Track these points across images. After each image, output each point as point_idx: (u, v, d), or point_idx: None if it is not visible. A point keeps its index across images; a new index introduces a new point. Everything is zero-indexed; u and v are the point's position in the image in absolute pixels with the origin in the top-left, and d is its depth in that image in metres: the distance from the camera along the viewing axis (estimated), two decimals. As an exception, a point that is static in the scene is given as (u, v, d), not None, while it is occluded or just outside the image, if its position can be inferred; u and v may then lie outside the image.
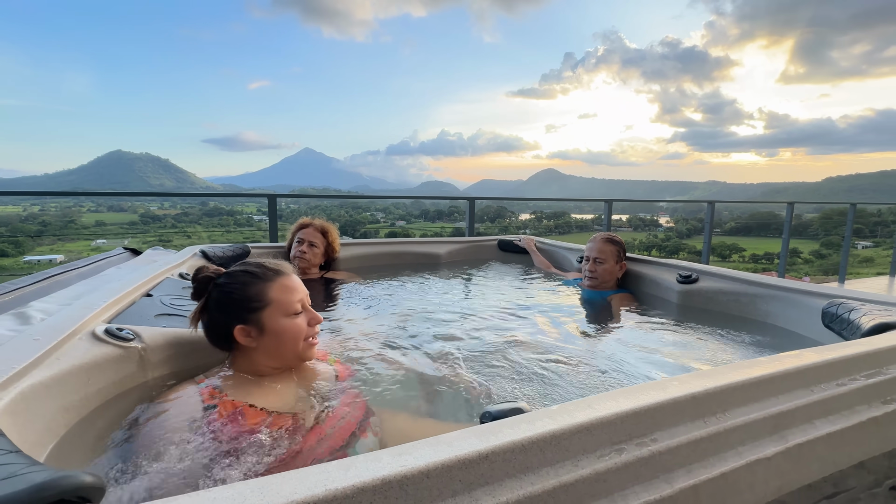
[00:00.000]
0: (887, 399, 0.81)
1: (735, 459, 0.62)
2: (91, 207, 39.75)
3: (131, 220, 38.62)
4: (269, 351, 0.98)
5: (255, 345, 0.97)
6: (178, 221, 37.62)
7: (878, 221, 16.07)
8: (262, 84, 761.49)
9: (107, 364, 0.92)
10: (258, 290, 0.98)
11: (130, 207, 39.60)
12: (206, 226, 37.97)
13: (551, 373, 1.25)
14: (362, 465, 0.46)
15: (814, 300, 1.41)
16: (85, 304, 1.09)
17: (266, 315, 0.97)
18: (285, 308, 0.99)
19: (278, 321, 0.98)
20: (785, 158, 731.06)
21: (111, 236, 30.45)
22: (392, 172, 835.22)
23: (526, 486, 0.49)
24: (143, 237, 31.31)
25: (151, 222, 37.81)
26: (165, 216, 38.08)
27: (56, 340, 0.86)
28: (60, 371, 0.81)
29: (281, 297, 0.99)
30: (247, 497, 0.41)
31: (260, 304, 0.97)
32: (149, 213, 38.15)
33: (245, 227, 38.10)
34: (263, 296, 0.98)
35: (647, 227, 27.44)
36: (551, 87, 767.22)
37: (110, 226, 35.46)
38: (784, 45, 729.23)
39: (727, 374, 0.70)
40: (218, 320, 0.98)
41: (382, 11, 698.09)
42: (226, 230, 36.93)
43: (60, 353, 0.85)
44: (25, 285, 1.28)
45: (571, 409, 0.58)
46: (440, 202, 36.15)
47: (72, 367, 0.83)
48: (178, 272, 1.68)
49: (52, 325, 0.93)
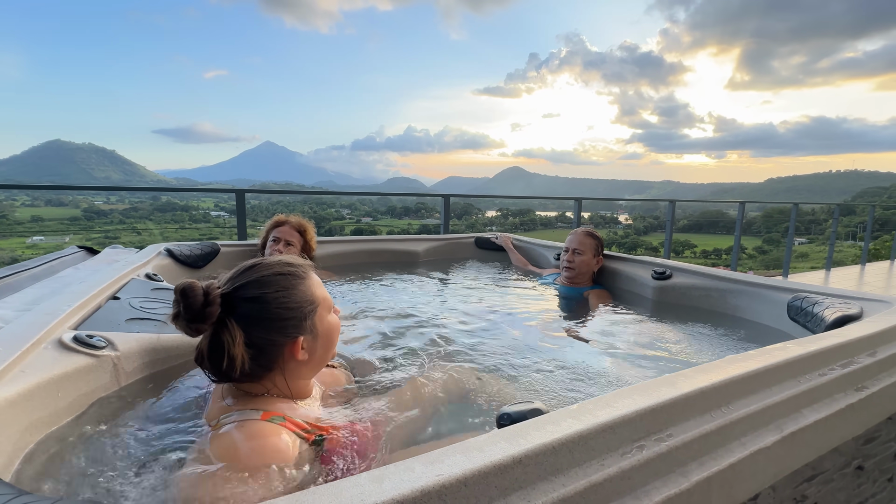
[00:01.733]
0: (859, 387, 0.88)
1: (740, 450, 0.65)
2: (26, 201, 36.54)
3: (73, 216, 35.73)
4: (318, 358, 0.86)
5: (307, 356, 0.83)
6: (127, 217, 35.16)
7: (812, 220, 17.46)
8: (220, 73, 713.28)
9: (77, 375, 0.84)
10: (304, 289, 0.84)
11: (72, 202, 36.67)
12: (158, 222, 35.73)
13: (536, 369, 1.26)
14: (395, 476, 0.45)
15: (779, 294, 1.51)
16: (46, 309, 0.99)
17: (318, 317, 0.85)
18: (326, 304, 0.87)
19: (325, 320, 0.86)
20: (732, 160, 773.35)
21: (49, 233, 28.04)
22: (358, 168, 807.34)
23: (558, 487, 0.49)
24: (86, 234, 28.98)
25: (96, 218, 35.11)
26: (112, 211, 35.50)
27: (19, 351, 0.77)
28: (27, 385, 0.73)
29: (321, 292, 0.87)
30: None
31: (312, 306, 0.84)
32: (93, 207, 35.43)
33: (202, 222, 36.24)
34: (312, 295, 0.84)
35: (607, 224, 28.52)
36: (516, 86, 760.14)
37: (48, 221, 32.64)
38: (731, 53, 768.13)
39: (726, 368, 0.73)
40: (264, 341, 0.78)
41: (347, 3, 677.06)
42: (180, 226, 34.96)
43: (25, 364, 0.77)
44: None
45: (592, 408, 0.58)
46: (407, 199, 35.95)
47: (39, 380, 0.76)
48: (144, 272, 1.57)
49: (12, 334, 0.84)
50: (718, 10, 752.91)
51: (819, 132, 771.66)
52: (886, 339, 1.00)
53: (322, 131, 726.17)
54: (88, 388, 0.86)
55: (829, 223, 8.18)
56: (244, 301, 0.78)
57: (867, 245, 7.79)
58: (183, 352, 1.08)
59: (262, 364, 0.79)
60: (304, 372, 0.85)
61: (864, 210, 9.97)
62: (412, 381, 1.07)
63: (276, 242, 2.10)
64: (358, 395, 1.02)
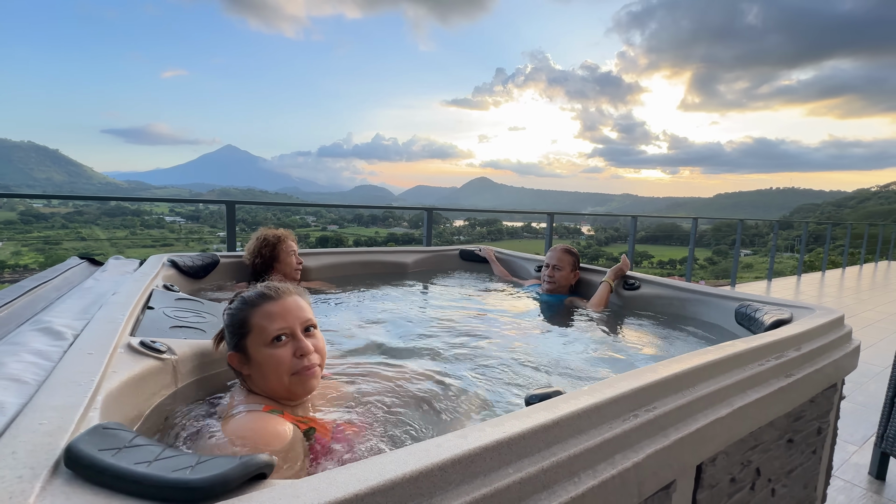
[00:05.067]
0: (788, 374, 1.13)
1: (703, 420, 0.87)
2: (-48, 203, 33.51)
3: (7, 219, 32.99)
4: (257, 382, 0.94)
5: (248, 372, 0.95)
6: (70, 221, 32.78)
7: (756, 233, 18.77)
8: (178, 73, 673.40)
9: (150, 376, 0.95)
10: (244, 315, 0.96)
11: (6, 204, 33.90)
12: (106, 227, 33.48)
13: (523, 364, 1.46)
14: (476, 431, 0.62)
15: (728, 303, 1.79)
16: (104, 318, 1.09)
17: (249, 342, 0.94)
18: (261, 336, 0.94)
19: (258, 350, 0.93)
20: (684, 176, 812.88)
21: (-23, 237, 25.76)
22: (324, 175, 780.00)
23: (583, 441, 0.68)
24: (23, 239, 26.79)
25: (34, 221, 32.53)
26: (53, 215, 33.01)
27: (107, 355, 0.88)
28: (119, 383, 0.85)
29: (259, 322, 0.94)
30: (339, 480, 0.54)
31: (243, 331, 0.95)
32: (31, 210, 32.86)
33: (154, 228, 34.18)
34: (246, 322, 0.95)
35: (570, 235, 29.57)
36: (484, 98, 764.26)
37: (-22, 224, 30.01)
38: (683, 76, 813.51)
39: (692, 359, 0.95)
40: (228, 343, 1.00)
41: (315, 9, 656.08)
42: (130, 232, 32.89)
43: (114, 366, 0.88)
44: (10, 300, 1.21)
45: (601, 387, 0.78)
46: (375, 207, 35.68)
47: (127, 378, 0.87)
48: (162, 284, 1.65)
49: (91, 340, 0.94)
50: (671, 35, 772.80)
51: (761, 152, 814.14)
52: (808, 338, 1.27)
53: (287, 136, 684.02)
54: (156, 388, 0.98)
55: (770, 237, 8.99)
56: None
57: (802, 257, 8.64)
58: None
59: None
60: (257, 388, 0.94)
61: (800, 225, 11.01)
62: (407, 380, 1.22)
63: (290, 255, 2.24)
64: (348, 398, 1.09)
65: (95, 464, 0.51)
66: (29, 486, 0.49)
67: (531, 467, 0.62)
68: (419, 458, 0.56)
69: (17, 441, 0.56)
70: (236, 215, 3.12)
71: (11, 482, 0.49)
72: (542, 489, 0.62)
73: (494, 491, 0.57)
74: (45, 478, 0.51)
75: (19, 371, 0.77)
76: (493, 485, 0.58)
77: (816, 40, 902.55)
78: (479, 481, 0.58)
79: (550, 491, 0.63)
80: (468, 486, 0.57)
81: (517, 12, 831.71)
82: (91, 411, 0.69)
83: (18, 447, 0.55)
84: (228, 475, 0.50)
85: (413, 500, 0.53)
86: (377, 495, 0.50)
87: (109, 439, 0.57)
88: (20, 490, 0.48)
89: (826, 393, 1.37)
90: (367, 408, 1.05)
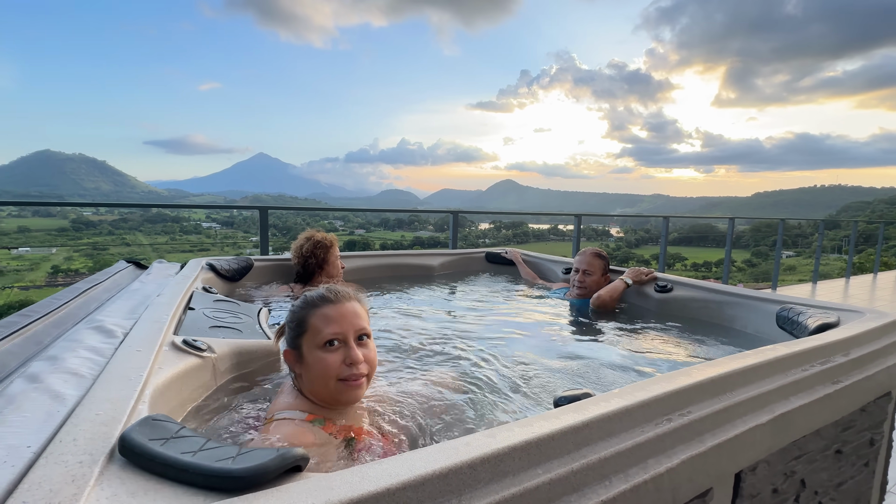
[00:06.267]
0: (835, 381, 1.07)
1: (742, 426, 0.83)
2: (13, 212, 36.18)
3: (61, 227, 35.33)
4: (306, 383, 0.96)
5: (299, 371, 0.97)
6: (116, 228, 34.80)
7: (799, 234, 17.79)
8: (213, 86, 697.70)
9: (192, 373, 1.00)
10: (303, 314, 0.98)
11: (60, 212, 36.26)
12: (148, 233, 35.34)
13: (552, 370, 1.44)
14: (505, 432, 0.62)
15: (769, 306, 1.71)
16: (150, 318, 1.16)
17: (304, 342, 0.96)
18: (315, 337, 0.94)
19: (311, 352, 0.95)
20: (720, 174, 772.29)
21: (36, 244, 27.69)
22: (351, 180, 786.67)
23: (614, 444, 0.67)
24: (74, 245, 28.43)
25: (84, 229, 34.71)
26: (101, 222, 35.13)
27: (154, 352, 0.94)
28: (164, 379, 0.90)
29: (316, 324, 0.95)
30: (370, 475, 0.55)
31: (300, 330, 0.97)
32: (82, 218, 35.04)
33: (192, 234, 35.77)
34: (304, 321, 0.97)
35: (599, 237, 28.92)
36: (508, 101, 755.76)
37: (35, 232, 32.23)
38: (717, 71, 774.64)
39: (729, 363, 0.92)
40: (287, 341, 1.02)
41: (342, 19, 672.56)
42: (171, 237, 34.52)
43: (160, 362, 0.93)
44: (67, 301, 1.31)
45: (632, 390, 0.76)
46: (401, 211, 36.04)
47: (172, 374, 0.92)
48: (201, 286, 1.73)
49: (140, 338, 1.00)
50: (703, 30, 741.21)
51: (803, 148, 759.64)
52: (857, 343, 1.20)
53: (316, 143, 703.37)
54: (197, 384, 1.03)
55: (815, 237, 8.50)
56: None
57: (851, 258, 8.13)
58: (260, 356, 1.25)
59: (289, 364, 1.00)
60: (305, 388, 0.96)
61: (847, 225, 10.36)
62: (436, 384, 1.23)
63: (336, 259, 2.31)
64: (386, 403, 1.10)
65: (146, 452, 0.55)
66: (89, 470, 0.53)
67: (560, 468, 0.61)
68: (449, 456, 0.56)
69: (77, 429, 0.61)
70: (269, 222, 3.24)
71: (73, 466, 0.53)
72: (571, 491, 0.62)
73: (524, 491, 0.57)
74: (102, 464, 0.54)
75: (77, 366, 0.83)
76: (522, 484, 0.58)
77: (864, 28, 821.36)
78: (508, 480, 0.58)
79: (580, 493, 0.62)
80: (497, 485, 0.57)
81: (541, 14, 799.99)
82: (140, 404, 0.74)
83: (78, 435, 0.59)
84: (267, 466, 0.52)
85: (443, 496, 0.54)
86: (408, 490, 0.51)
87: (158, 430, 0.60)
88: (81, 474, 0.52)
89: (879, 402, 1.28)
90: (400, 414, 1.06)
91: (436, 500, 0.53)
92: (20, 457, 0.55)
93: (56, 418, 0.64)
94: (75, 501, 0.47)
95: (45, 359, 0.86)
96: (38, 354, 0.91)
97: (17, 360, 0.89)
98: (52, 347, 0.94)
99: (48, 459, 0.54)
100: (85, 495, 0.48)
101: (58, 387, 0.74)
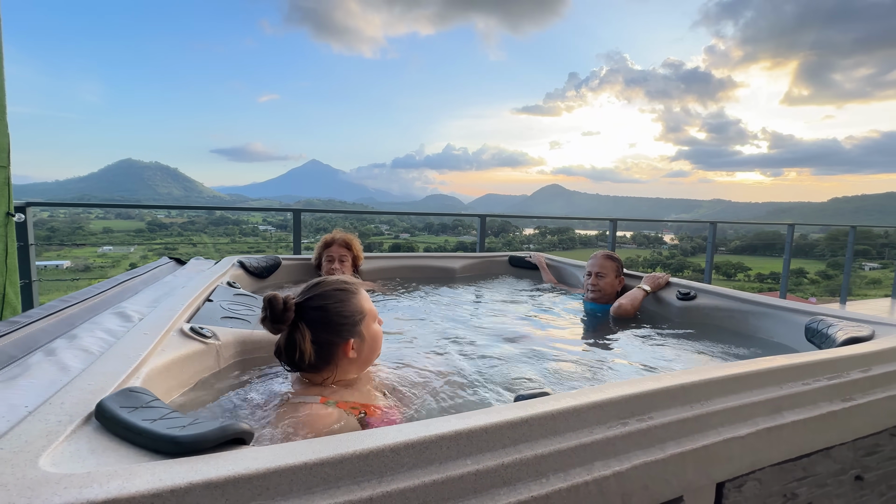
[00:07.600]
0: (846, 397, 0.98)
1: (714, 436, 0.79)
2: (99, 214, 40.46)
3: (138, 228, 39.01)
4: (365, 358, 1.07)
5: (356, 355, 1.04)
6: (185, 230, 37.99)
7: (886, 243, 15.92)
8: (272, 97, 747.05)
9: (195, 356, 1.10)
10: (356, 302, 1.06)
11: (138, 215, 40.04)
12: (212, 234, 38.22)
13: (566, 376, 1.42)
14: (440, 422, 0.64)
15: (798, 317, 1.58)
16: (167, 306, 1.28)
17: (365, 325, 1.06)
18: (372, 314, 1.09)
19: (370, 328, 1.07)
20: (790, 178, 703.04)
21: (117, 243, 30.86)
22: (397, 185, 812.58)
23: (555, 443, 0.67)
24: (149, 244, 31.37)
25: (158, 230, 38.14)
26: (172, 224, 38.45)
27: (158, 337, 1.04)
28: (165, 361, 0.99)
29: (368, 305, 1.09)
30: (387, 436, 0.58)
31: (361, 316, 1.06)
32: (156, 221, 38.52)
33: (250, 236, 38.29)
34: (361, 307, 1.06)
35: (651, 245, 27.44)
36: (555, 104, 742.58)
37: (117, 233, 35.85)
38: (787, 67, 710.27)
39: (710, 371, 0.87)
40: (324, 340, 1.01)
41: (391, 29, 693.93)
42: (231, 239, 37.11)
43: (164, 346, 1.03)
44: (105, 290, 1.47)
45: (588, 391, 0.75)
46: (445, 216, 36.28)
47: (174, 357, 1.02)
48: (226, 281, 1.87)
49: (151, 324, 1.12)
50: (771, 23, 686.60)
51: (891, 148, 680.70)
52: (883, 359, 1.09)
53: (364, 150, 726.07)
54: (199, 367, 1.12)
55: (898, 247, 7.62)
56: (312, 309, 1.02)
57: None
58: (264, 346, 1.34)
59: (323, 358, 1.02)
60: (353, 368, 1.07)
61: (940, 234, 9.15)
62: (442, 375, 1.28)
63: (330, 261, 2.38)
64: (394, 385, 1.19)
65: (114, 417, 0.62)
66: (63, 428, 0.61)
67: (491, 461, 0.62)
68: (375, 440, 0.59)
69: (67, 395, 0.70)
70: (317, 225, 3.42)
71: (52, 424, 0.61)
72: (501, 484, 0.62)
73: (447, 479, 0.59)
74: (77, 424, 0.62)
75: (89, 344, 0.94)
76: (446, 472, 0.59)
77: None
78: (433, 468, 0.60)
79: (511, 487, 0.62)
80: (421, 471, 0.59)
81: (590, 15, 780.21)
82: (133, 379, 0.83)
83: (66, 399, 0.68)
84: (207, 436, 0.58)
85: (363, 475, 0.56)
86: (326, 466, 0.55)
87: (132, 399, 0.68)
88: (56, 431, 0.60)
89: (914, 426, 1.15)
90: (402, 397, 1.13)
91: (354, 478, 0.56)
92: (16, 414, 0.64)
93: (56, 386, 0.74)
94: (42, 451, 0.55)
95: (66, 337, 0.98)
96: (65, 334, 1.04)
97: (47, 337, 1.03)
98: (77, 329, 1.07)
99: (34, 417, 0.63)
100: (52, 447, 0.56)
101: (68, 360, 0.85)
